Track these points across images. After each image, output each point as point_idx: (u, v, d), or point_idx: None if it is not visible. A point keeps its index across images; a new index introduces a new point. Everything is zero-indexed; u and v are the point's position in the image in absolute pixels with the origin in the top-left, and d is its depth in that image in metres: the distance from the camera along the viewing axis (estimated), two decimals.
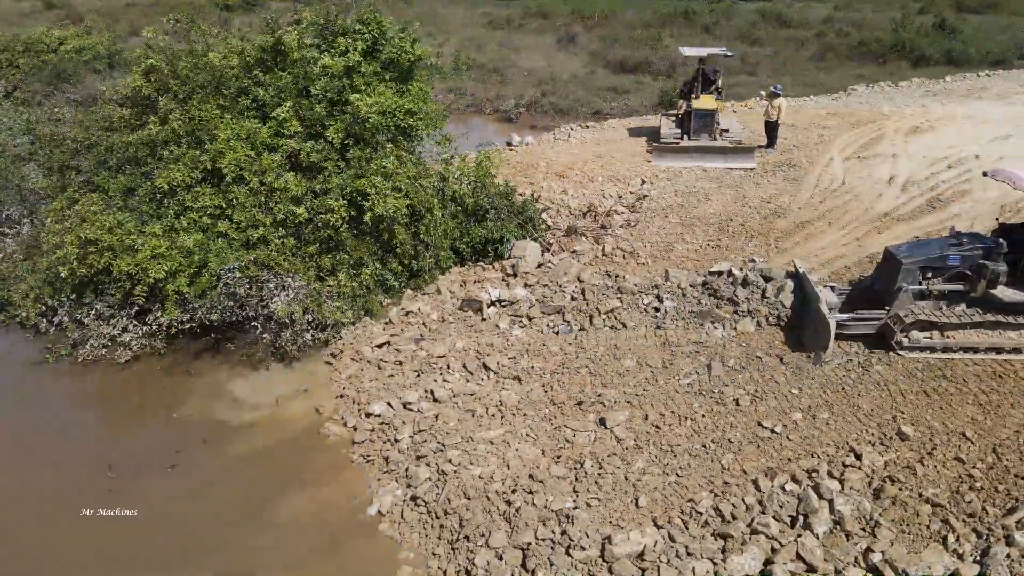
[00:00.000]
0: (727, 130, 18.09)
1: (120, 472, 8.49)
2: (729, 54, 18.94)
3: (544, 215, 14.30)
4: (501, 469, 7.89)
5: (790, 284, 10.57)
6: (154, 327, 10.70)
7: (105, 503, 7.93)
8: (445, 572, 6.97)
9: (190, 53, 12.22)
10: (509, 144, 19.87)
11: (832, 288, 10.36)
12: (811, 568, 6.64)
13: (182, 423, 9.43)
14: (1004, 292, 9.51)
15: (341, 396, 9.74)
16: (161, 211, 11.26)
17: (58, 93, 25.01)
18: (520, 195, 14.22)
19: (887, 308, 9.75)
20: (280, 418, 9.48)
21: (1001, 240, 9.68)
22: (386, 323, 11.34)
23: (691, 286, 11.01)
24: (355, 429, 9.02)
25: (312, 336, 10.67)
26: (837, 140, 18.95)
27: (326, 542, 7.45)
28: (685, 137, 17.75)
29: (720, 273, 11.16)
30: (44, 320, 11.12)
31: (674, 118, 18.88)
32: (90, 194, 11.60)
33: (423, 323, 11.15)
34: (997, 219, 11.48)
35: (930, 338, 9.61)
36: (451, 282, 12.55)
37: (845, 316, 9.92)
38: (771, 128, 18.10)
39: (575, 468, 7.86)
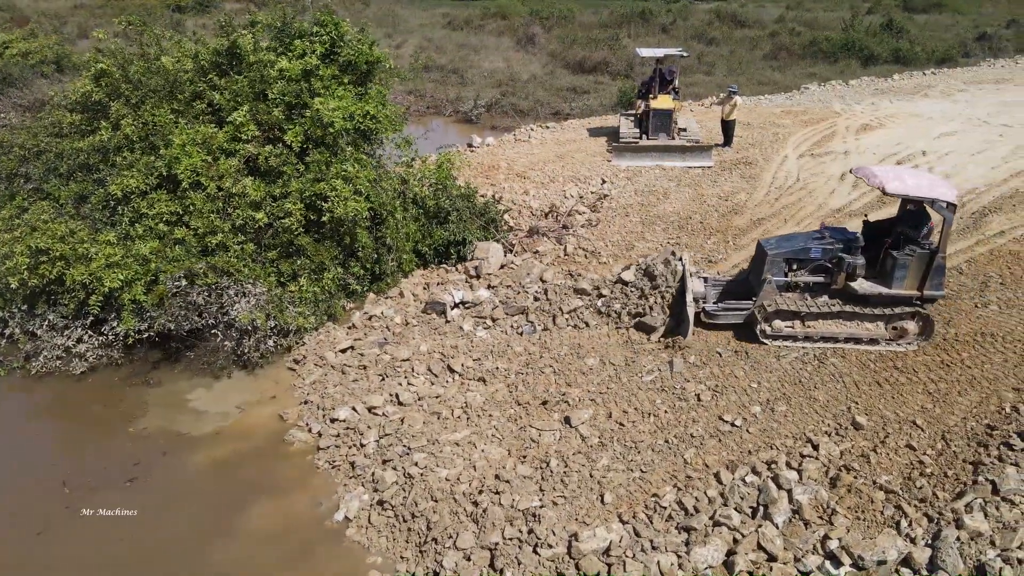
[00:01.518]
0: (685, 129, 18.36)
1: (76, 489, 8.29)
2: (685, 55, 19.21)
3: (506, 216, 14.36)
4: (468, 471, 7.94)
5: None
6: (110, 337, 10.51)
7: (64, 521, 7.76)
8: (414, 575, 6.99)
9: (142, 57, 12.03)
10: (470, 145, 19.90)
11: (705, 279, 10.89)
12: (772, 557, 6.81)
13: (141, 436, 9.26)
14: (862, 284, 9.93)
15: (305, 402, 9.67)
16: (115, 219, 11.06)
17: (3, 98, 24.28)
18: (481, 196, 14.27)
19: (754, 298, 10.13)
20: (243, 427, 9.38)
21: (858, 235, 10.15)
22: (349, 327, 11.29)
23: (615, 283, 11.22)
24: (320, 435, 8.97)
25: (274, 342, 10.57)
26: (791, 138, 19.37)
27: (294, 551, 7.40)
28: (644, 137, 17.96)
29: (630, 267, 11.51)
30: None
31: (632, 118, 19.09)
32: (40, 202, 11.34)
33: (387, 327, 11.13)
34: (866, 215, 12.02)
35: (792, 327, 10.05)
36: (414, 285, 12.54)
37: (713, 306, 10.36)
38: (727, 127, 18.42)
39: (541, 467, 7.94)
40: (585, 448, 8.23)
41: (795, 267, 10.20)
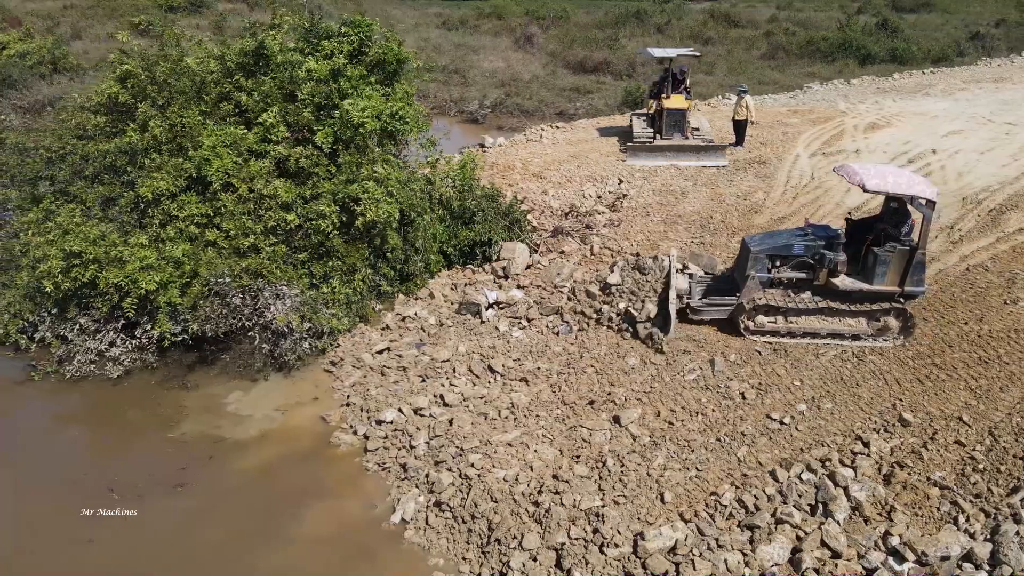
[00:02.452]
0: (698, 129, 18.44)
1: (124, 495, 8.18)
2: (697, 54, 19.30)
3: (528, 216, 14.36)
4: (524, 471, 7.93)
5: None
6: (143, 340, 10.40)
7: (115, 528, 7.68)
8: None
9: (164, 58, 11.91)
10: (482, 145, 19.88)
11: (690, 276, 11.08)
12: (836, 554, 6.87)
13: (183, 440, 9.16)
14: (843, 281, 10.09)
15: (347, 404, 9.62)
16: (145, 221, 10.96)
17: (3, 99, 23.97)
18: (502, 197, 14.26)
19: (738, 294, 10.27)
20: (287, 430, 9.32)
21: (840, 232, 10.33)
22: (383, 329, 11.25)
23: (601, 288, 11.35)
24: (367, 437, 8.93)
25: (309, 344, 10.52)
26: (801, 137, 19.51)
27: (354, 554, 7.37)
28: (657, 136, 18.02)
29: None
30: (24, 337, 10.68)
31: (645, 118, 19.14)
32: (67, 205, 11.20)
33: (421, 328, 11.10)
34: (849, 214, 12.21)
35: (774, 323, 10.22)
36: (442, 285, 12.52)
37: (698, 302, 10.54)
38: (739, 126, 18.52)
39: (598, 467, 7.95)
40: (638, 447, 8.25)
41: (778, 263, 10.35)
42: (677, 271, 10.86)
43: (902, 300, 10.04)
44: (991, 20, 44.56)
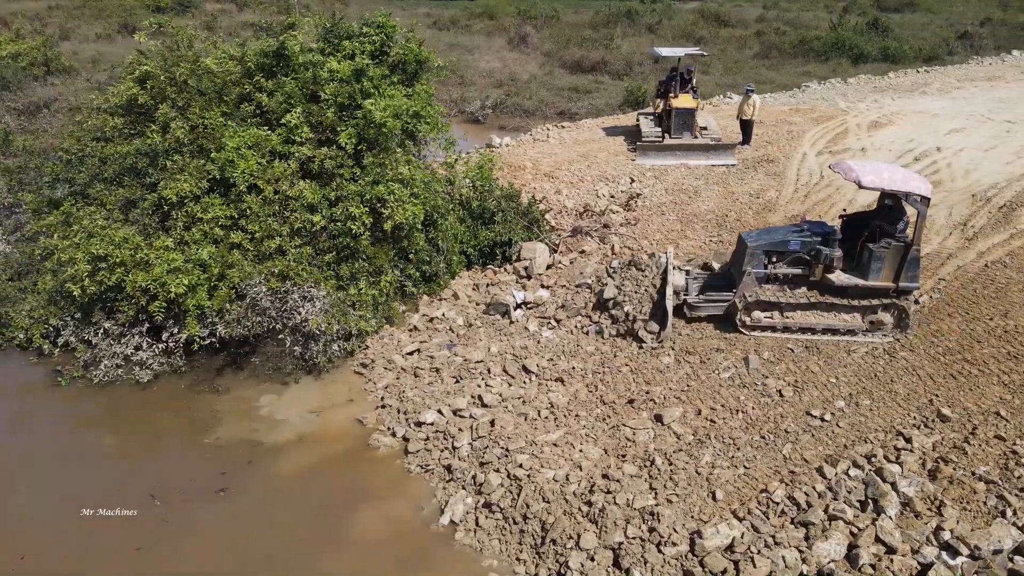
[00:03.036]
0: (706, 128, 18.53)
1: (167, 502, 8.10)
2: (704, 54, 19.40)
3: (546, 216, 14.36)
4: (574, 471, 7.93)
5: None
6: (170, 344, 10.28)
7: (162, 536, 7.58)
8: None
9: (181, 59, 11.76)
10: (489, 146, 19.85)
11: (687, 273, 11.19)
12: (891, 550, 6.92)
13: (220, 444, 9.08)
14: (839, 276, 10.23)
15: (383, 406, 9.58)
16: (169, 223, 10.83)
17: None
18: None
19: (734, 290, 10.38)
20: (323, 433, 9.26)
21: (836, 228, 10.47)
22: (411, 330, 11.20)
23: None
24: (406, 439, 8.89)
25: (339, 346, 10.45)
26: (806, 135, 19.66)
27: (407, 557, 7.33)
28: (666, 136, 18.08)
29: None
30: (47, 342, 10.53)
31: (652, 117, 19.21)
32: (87, 207, 11.05)
33: (450, 328, 11.06)
34: (844, 211, 12.36)
35: (771, 318, 10.35)
36: (464, 286, 12.49)
37: (695, 298, 10.65)
38: (746, 125, 18.64)
39: (646, 466, 7.97)
40: (684, 445, 8.28)
41: (774, 259, 10.44)
42: (674, 268, 10.91)
43: (896, 296, 10.15)
44: (975, 19, 45.21)
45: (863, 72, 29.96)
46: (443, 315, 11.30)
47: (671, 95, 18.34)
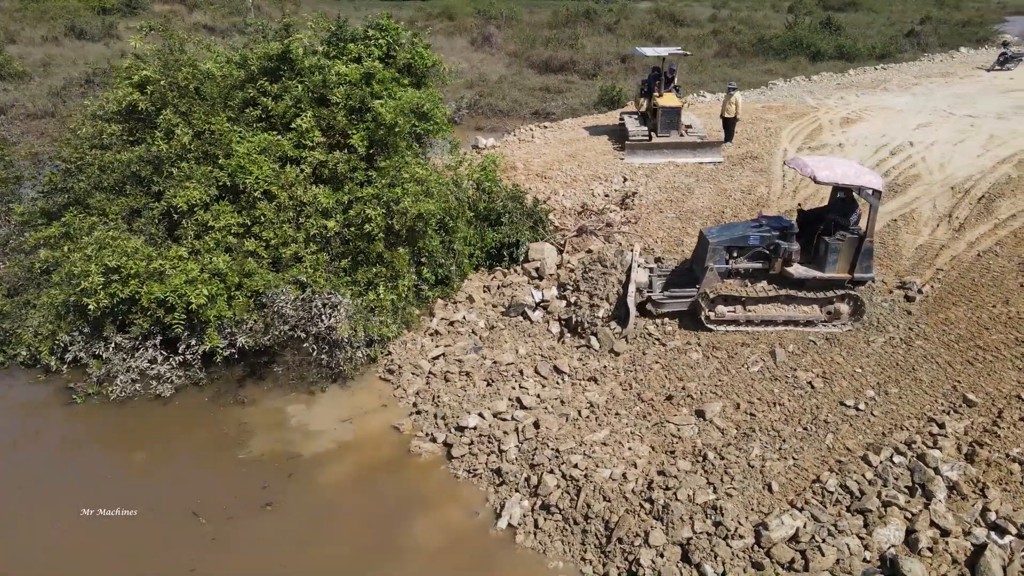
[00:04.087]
0: (690, 126, 18.80)
1: (212, 519, 7.85)
2: (687, 53, 19.69)
3: (550, 216, 14.38)
4: (630, 469, 7.97)
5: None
6: (187, 356, 9.94)
7: (214, 554, 7.35)
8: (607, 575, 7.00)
9: (180, 63, 11.39)
10: (475, 147, 19.76)
11: (650, 269, 11.44)
12: (944, 532, 7.17)
13: (256, 458, 8.83)
14: (797, 269, 10.59)
15: (416, 412, 9.46)
16: (177, 232, 10.48)
17: None
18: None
19: (698, 286, 10.69)
20: (360, 441, 9.10)
21: (793, 222, 10.84)
22: (433, 334, 11.09)
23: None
24: (448, 444, 8.81)
25: (363, 353, 10.28)
26: (783, 132, 20.14)
27: (471, 563, 7.27)
28: (652, 134, 18.30)
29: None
30: (55, 358, 10.07)
31: (636, 116, 19.41)
32: (89, 218, 10.61)
33: (472, 331, 10.99)
34: (799, 205, 12.83)
35: (734, 312, 10.67)
36: (475, 288, 12.42)
37: (659, 295, 10.90)
38: (728, 123, 18.99)
39: (699, 461, 8.07)
40: (731, 439, 8.41)
41: (735, 254, 10.70)
42: (638, 266, 11.07)
43: (852, 286, 10.50)
44: (915, 18, 47.08)
45: (822, 70, 30.89)
46: (463, 318, 11.22)
47: (656, 94, 18.56)
